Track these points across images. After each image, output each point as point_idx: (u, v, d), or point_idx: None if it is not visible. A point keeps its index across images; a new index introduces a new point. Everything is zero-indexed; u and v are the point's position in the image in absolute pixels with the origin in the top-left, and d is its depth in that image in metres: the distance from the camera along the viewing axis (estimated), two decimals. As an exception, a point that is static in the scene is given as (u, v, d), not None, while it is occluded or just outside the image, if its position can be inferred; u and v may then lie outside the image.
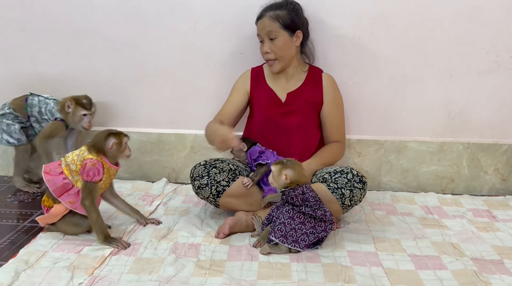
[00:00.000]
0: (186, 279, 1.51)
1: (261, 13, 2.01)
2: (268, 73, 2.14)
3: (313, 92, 2.08)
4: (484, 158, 2.34)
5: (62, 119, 2.22)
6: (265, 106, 2.09)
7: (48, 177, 1.71)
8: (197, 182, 1.90)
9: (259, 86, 2.12)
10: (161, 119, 2.43)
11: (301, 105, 2.07)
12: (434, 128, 2.35)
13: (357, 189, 1.81)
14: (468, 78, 2.27)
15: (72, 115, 2.19)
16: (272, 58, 2.02)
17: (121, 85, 2.42)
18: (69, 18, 2.35)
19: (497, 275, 1.55)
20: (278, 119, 2.06)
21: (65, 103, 2.18)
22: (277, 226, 1.66)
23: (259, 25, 2.01)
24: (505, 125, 2.32)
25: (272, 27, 1.97)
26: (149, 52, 2.36)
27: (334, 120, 2.11)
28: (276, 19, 1.98)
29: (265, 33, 1.98)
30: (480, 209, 2.12)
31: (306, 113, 2.07)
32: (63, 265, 1.59)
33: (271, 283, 1.50)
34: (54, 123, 2.21)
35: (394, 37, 2.24)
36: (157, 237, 1.79)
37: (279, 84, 2.11)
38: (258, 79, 2.14)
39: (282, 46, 1.99)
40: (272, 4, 2.02)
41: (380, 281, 1.52)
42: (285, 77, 2.10)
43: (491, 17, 2.19)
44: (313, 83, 2.09)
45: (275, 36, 1.98)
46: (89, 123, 2.21)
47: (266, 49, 2.00)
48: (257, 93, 2.12)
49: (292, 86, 2.09)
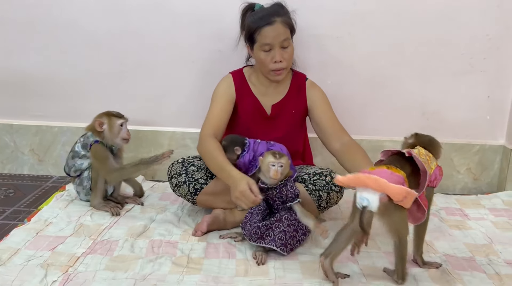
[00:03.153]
0: (163, 276, 1.50)
1: (269, 18, 1.83)
2: (252, 79, 2.02)
3: (297, 102, 2.00)
4: (457, 157, 2.39)
5: (97, 140, 2.01)
6: (250, 118, 1.99)
7: None
8: (175, 180, 1.89)
9: (244, 94, 2.00)
10: (138, 115, 2.40)
11: (286, 117, 2.00)
12: (409, 127, 2.37)
13: (334, 192, 1.83)
14: (443, 79, 2.32)
15: (110, 129, 2.00)
16: (284, 67, 1.86)
17: (100, 80, 2.39)
18: (47, 10, 2.30)
19: (469, 271, 1.59)
20: (262, 132, 1.97)
21: (95, 122, 2.00)
22: (277, 234, 1.64)
23: (271, 32, 1.82)
24: (478, 126, 2.38)
25: (287, 35, 1.84)
26: (129, 47, 2.33)
27: (330, 117, 1.99)
28: (287, 25, 1.85)
29: (280, 41, 1.83)
30: (452, 207, 2.17)
31: (290, 125, 2.01)
32: (36, 263, 1.56)
33: (248, 280, 1.50)
34: (93, 149, 2.00)
35: (372, 37, 2.27)
36: (133, 235, 1.78)
37: (265, 93, 2.00)
38: (242, 86, 2.00)
39: (291, 54, 1.89)
40: (274, 8, 1.88)
41: (357, 277, 1.54)
42: (275, 85, 1.99)
43: (467, 19, 2.23)
44: (297, 91, 2.01)
45: (288, 44, 1.86)
46: (128, 132, 2.04)
47: (280, 58, 1.84)
48: (243, 103, 1.99)
49: (277, 96, 2.00)
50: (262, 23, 1.83)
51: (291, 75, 2.02)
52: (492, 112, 2.36)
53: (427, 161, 1.49)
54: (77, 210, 1.99)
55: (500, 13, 2.22)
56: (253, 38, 1.87)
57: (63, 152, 2.45)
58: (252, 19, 1.87)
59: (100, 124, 2.00)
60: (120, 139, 2.03)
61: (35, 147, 2.48)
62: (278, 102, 1.99)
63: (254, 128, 1.99)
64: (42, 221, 1.88)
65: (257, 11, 1.90)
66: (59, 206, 2.03)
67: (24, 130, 2.46)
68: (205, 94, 2.14)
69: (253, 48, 1.90)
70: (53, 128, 2.45)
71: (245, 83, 2.01)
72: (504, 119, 2.37)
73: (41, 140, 2.47)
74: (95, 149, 2.00)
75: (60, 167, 2.45)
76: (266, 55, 1.86)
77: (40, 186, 2.34)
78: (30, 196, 2.20)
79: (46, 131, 2.46)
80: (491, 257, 1.69)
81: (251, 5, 1.95)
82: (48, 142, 2.47)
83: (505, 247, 1.77)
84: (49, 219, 1.90)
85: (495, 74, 2.30)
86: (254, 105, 1.99)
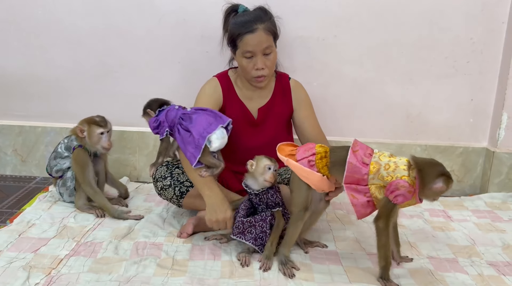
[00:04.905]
0: (147, 279, 1.50)
1: (251, 25, 1.77)
2: (237, 83, 1.97)
3: (282, 103, 1.98)
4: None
5: (80, 145, 2.01)
6: (237, 122, 1.90)
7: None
8: (160, 183, 1.88)
9: (231, 99, 1.95)
10: (123, 116, 2.39)
11: (273, 120, 1.97)
12: (393, 129, 2.42)
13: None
14: (427, 81, 2.34)
15: (89, 138, 1.99)
16: (266, 74, 1.83)
17: (83, 80, 2.37)
18: (29, 9, 2.27)
19: (452, 272, 1.61)
20: (250, 136, 1.95)
21: (77, 128, 2.00)
22: (259, 234, 1.64)
23: (252, 40, 1.77)
24: (461, 128, 2.41)
25: (269, 42, 1.80)
26: (113, 47, 2.32)
27: (313, 121, 1.99)
28: (270, 32, 1.80)
29: (262, 49, 1.79)
30: (436, 209, 2.19)
31: (278, 127, 1.99)
32: (18, 265, 1.54)
33: (233, 282, 1.50)
34: (75, 153, 1.99)
35: (357, 40, 2.28)
36: (118, 237, 1.77)
37: (250, 97, 1.96)
38: (229, 91, 1.95)
39: (274, 61, 1.86)
40: (257, 13, 1.83)
41: (340, 278, 1.55)
42: (259, 89, 1.95)
43: (451, 23, 2.26)
44: (282, 93, 1.98)
45: (271, 51, 1.82)
46: (108, 142, 2.01)
47: (262, 65, 1.81)
48: (230, 107, 1.94)
49: (263, 99, 1.96)
50: (244, 31, 1.78)
51: (274, 77, 1.99)
52: (475, 115, 2.39)
53: (380, 166, 1.49)
54: (61, 212, 1.97)
55: (484, 17, 2.25)
56: (235, 44, 1.83)
57: (46, 152, 2.42)
58: (234, 25, 1.82)
59: (81, 131, 1.99)
60: (101, 148, 2.01)
61: (18, 147, 2.45)
62: (264, 105, 1.96)
63: (243, 132, 1.94)
64: (25, 222, 1.86)
65: (240, 15, 1.84)
66: (42, 208, 2.00)
67: (7, 130, 2.43)
68: (191, 95, 2.12)
69: (236, 53, 1.87)
70: (36, 128, 2.43)
71: (232, 87, 1.96)
72: (487, 122, 2.40)
73: (24, 141, 2.44)
74: (77, 154, 1.99)
75: (44, 167, 2.42)
76: (248, 61, 1.82)
77: (23, 187, 2.31)
78: (13, 197, 2.17)
79: (29, 131, 2.43)
80: (473, 258, 1.72)
81: (234, 7, 1.89)
82: (31, 143, 2.44)
83: (487, 249, 1.79)
84: (32, 220, 1.88)
85: (478, 78, 2.33)
86: (241, 110, 1.95)
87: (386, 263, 1.52)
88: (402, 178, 1.46)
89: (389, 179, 1.47)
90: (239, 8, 1.87)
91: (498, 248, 1.80)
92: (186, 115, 1.77)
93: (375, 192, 1.50)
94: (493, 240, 1.86)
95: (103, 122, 2.01)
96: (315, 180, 1.57)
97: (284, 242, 1.61)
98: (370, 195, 1.51)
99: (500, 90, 2.32)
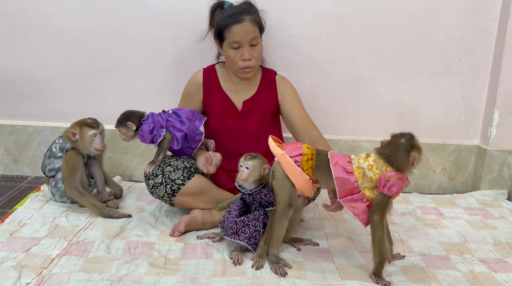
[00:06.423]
0: (139, 278, 1.49)
1: (238, 16, 1.85)
2: (223, 77, 2.02)
3: (268, 97, 2.01)
4: (432, 157, 2.43)
5: (73, 148, 1.99)
6: (221, 114, 2.00)
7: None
8: (152, 181, 1.87)
9: (213, 91, 2.01)
10: (115, 115, 2.37)
11: (258, 113, 2.00)
12: (386, 128, 2.41)
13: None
14: (419, 80, 2.35)
15: (82, 140, 1.96)
16: (253, 65, 1.89)
17: (74, 79, 2.36)
18: (19, 7, 2.26)
19: (443, 270, 1.61)
20: (235, 128, 1.99)
21: (69, 131, 1.97)
22: (252, 233, 1.64)
23: (239, 30, 1.84)
24: (453, 126, 2.42)
25: (256, 33, 1.87)
26: (105, 46, 2.31)
27: (300, 112, 2.00)
28: (256, 23, 1.88)
29: (249, 39, 1.85)
30: (428, 206, 2.20)
31: (263, 121, 2.01)
32: (9, 265, 1.53)
33: (226, 281, 1.50)
34: (67, 156, 1.98)
35: (350, 38, 2.29)
36: (110, 236, 1.76)
37: (235, 90, 2.01)
38: (212, 83, 2.02)
39: (260, 52, 1.92)
40: (243, 6, 1.90)
41: (332, 276, 1.55)
42: (246, 82, 2.00)
43: (443, 21, 2.27)
44: (267, 87, 2.01)
45: (257, 42, 1.89)
46: (101, 143, 1.98)
47: (249, 56, 1.87)
48: (212, 100, 2.01)
49: (248, 92, 2.01)
50: (231, 21, 1.85)
51: (261, 72, 2.04)
52: (467, 113, 2.40)
53: (363, 169, 1.50)
54: (52, 211, 1.96)
55: (475, 15, 2.26)
56: (222, 36, 1.89)
57: (38, 152, 2.41)
58: (221, 17, 1.89)
59: (73, 134, 1.97)
60: (94, 149, 1.99)
61: (10, 146, 2.44)
62: (249, 98, 2.00)
63: (227, 125, 2.00)
64: (16, 222, 1.85)
65: (227, 9, 1.91)
66: (34, 207, 2.00)
67: (-2, 130, 2.42)
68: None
69: (222, 46, 1.92)
70: (28, 128, 2.41)
71: (216, 79, 2.02)
72: (478, 120, 2.41)
73: (16, 140, 2.43)
74: (69, 157, 1.98)
75: (36, 167, 2.42)
76: (235, 52, 1.88)
77: (15, 186, 2.29)
78: (4, 196, 2.16)
79: (21, 130, 2.42)
80: (465, 255, 1.72)
81: (220, 3, 1.96)
82: (23, 142, 2.43)
83: (479, 246, 1.80)
84: (23, 220, 1.87)
85: (470, 76, 2.34)
86: (223, 101, 2.00)
87: (381, 259, 1.52)
88: (386, 169, 1.48)
89: (377, 177, 1.49)
90: (224, 4, 1.94)
91: (490, 245, 1.81)
92: (172, 118, 1.91)
93: (370, 195, 1.51)
94: (485, 237, 1.88)
95: (95, 124, 2.00)
96: (302, 181, 1.56)
97: (271, 242, 1.61)
98: (366, 199, 1.52)
99: (491, 88, 2.33)
